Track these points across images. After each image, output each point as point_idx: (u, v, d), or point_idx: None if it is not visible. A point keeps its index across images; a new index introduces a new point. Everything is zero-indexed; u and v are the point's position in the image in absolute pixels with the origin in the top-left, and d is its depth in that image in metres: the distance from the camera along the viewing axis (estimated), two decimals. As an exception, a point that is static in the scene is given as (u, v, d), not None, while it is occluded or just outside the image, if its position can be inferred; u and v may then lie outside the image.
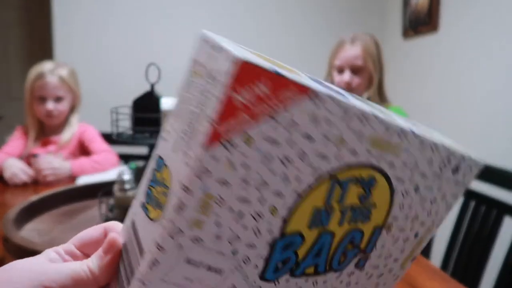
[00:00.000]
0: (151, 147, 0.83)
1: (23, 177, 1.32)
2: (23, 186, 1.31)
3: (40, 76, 1.46)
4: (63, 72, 1.51)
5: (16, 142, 1.51)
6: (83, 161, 1.45)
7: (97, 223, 0.82)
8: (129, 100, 0.83)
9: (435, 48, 2.16)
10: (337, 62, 1.42)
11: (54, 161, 1.37)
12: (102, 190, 0.88)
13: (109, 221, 0.33)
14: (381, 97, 1.46)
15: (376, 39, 1.43)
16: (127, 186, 0.78)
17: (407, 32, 2.39)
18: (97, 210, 0.88)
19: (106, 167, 1.47)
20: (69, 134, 1.53)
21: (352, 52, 1.38)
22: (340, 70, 1.42)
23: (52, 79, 1.47)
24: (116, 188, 0.80)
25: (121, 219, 0.78)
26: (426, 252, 1.39)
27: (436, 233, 1.20)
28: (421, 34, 2.26)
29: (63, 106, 1.51)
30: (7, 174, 1.32)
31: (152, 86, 0.82)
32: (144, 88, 0.84)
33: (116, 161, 1.55)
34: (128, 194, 0.78)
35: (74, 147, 1.55)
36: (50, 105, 1.46)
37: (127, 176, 0.78)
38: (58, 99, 1.49)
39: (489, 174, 1.25)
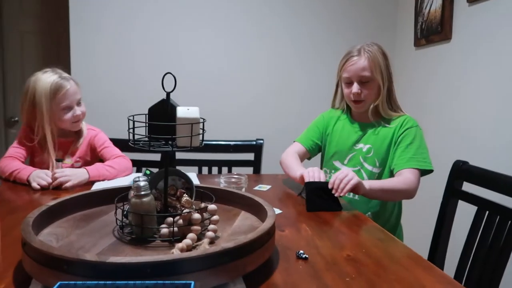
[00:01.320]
0: (165, 154, 0.85)
1: (43, 183, 1.36)
2: (42, 191, 1.35)
3: (60, 86, 1.45)
4: (69, 75, 1.52)
5: (22, 145, 1.52)
6: (99, 166, 1.48)
7: (113, 228, 0.83)
8: (145, 108, 0.85)
9: (447, 58, 2.15)
10: (345, 75, 1.44)
11: (72, 169, 1.42)
12: (117, 195, 0.89)
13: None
14: (391, 106, 1.46)
15: (383, 48, 1.45)
16: (142, 192, 0.79)
17: (418, 41, 2.39)
18: (113, 216, 0.90)
19: (121, 171, 1.51)
20: (81, 138, 1.56)
21: (359, 64, 1.40)
22: (349, 82, 1.44)
23: (71, 85, 1.48)
24: (131, 194, 0.82)
25: (136, 224, 0.80)
26: (440, 261, 1.38)
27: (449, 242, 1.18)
28: (433, 43, 2.26)
29: (84, 108, 1.54)
30: (33, 184, 1.36)
31: (168, 94, 0.83)
32: (161, 96, 0.85)
33: (130, 165, 1.58)
34: (143, 200, 0.79)
35: (84, 151, 1.58)
36: (78, 111, 1.50)
37: (142, 182, 0.80)
38: (78, 103, 1.52)
39: (503, 184, 1.24)
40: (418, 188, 1.37)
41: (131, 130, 0.82)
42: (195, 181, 1.44)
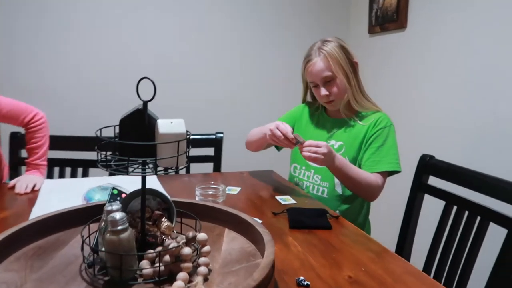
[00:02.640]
0: (145, 179, 0.71)
1: None
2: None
3: None
4: None
5: None
6: (37, 166, 1.42)
7: (79, 266, 0.68)
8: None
9: (403, 46, 2.16)
10: (309, 79, 1.40)
11: (28, 181, 1.30)
12: (72, 220, 0.74)
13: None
14: (363, 96, 1.40)
15: (341, 42, 1.39)
16: (119, 227, 0.65)
17: (373, 28, 2.38)
18: (74, 247, 0.74)
19: (48, 133, 1.47)
20: None
21: (317, 66, 1.35)
22: (315, 86, 1.40)
23: None
24: (105, 227, 0.67)
25: (114, 266, 0.65)
26: (407, 257, 1.39)
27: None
28: (388, 31, 2.26)
29: None
30: None
31: (145, 104, 0.69)
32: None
33: (45, 117, 1.47)
34: (121, 237, 0.65)
35: None
36: None
37: (118, 214, 0.65)
38: None
39: (469, 179, 1.25)
40: (384, 187, 1.36)
41: (100, 147, 0.66)
42: (158, 186, 1.29)
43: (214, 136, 1.78)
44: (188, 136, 0.69)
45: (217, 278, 0.69)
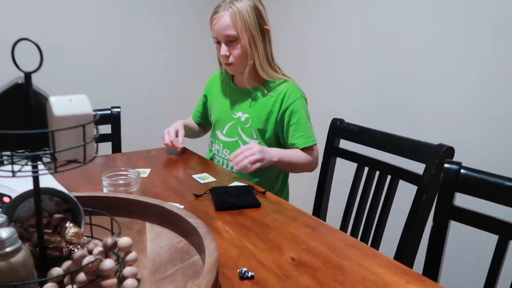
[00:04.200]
0: (36, 181, 0.52)
1: None
2: None
3: None
4: None
5: None
6: None
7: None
8: None
9: (295, 9, 2.15)
10: (213, 33, 1.28)
11: None
12: None
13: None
14: (270, 69, 1.31)
15: (257, 2, 1.27)
16: (8, 248, 0.47)
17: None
18: None
19: None
20: None
21: (222, 22, 1.23)
22: (218, 42, 1.28)
23: None
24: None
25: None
26: (323, 217, 1.41)
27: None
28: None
29: None
30: None
31: (28, 76, 0.49)
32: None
33: None
34: (12, 261, 0.47)
35: None
36: None
37: (4, 230, 0.47)
38: None
39: (379, 140, 1.30)
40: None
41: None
42: (52, 182, 1.06)
43: (109, 111, 1.55)
44: (96, 117, 0.53)
45: (150, 291, 0.57)
